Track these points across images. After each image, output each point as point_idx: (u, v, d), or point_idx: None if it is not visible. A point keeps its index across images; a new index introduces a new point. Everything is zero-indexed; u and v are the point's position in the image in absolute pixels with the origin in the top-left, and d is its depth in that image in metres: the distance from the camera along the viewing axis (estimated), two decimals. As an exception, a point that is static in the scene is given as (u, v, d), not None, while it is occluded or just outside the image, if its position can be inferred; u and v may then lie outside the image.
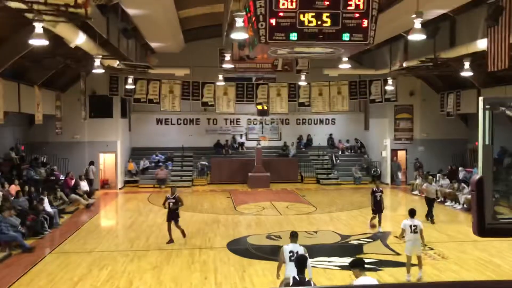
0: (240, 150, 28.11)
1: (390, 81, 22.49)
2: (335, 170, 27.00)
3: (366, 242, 13.87)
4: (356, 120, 29.05)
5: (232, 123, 28.62)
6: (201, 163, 26.45)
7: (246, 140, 28.44)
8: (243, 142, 28.29)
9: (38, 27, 10.14)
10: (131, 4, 13.80)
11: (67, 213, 18.44)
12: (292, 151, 27.94)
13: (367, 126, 28.78)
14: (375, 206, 15.08)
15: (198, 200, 21.73)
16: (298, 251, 7.77)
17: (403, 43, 20.51)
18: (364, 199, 21.74)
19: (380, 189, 15.34)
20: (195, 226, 16.10)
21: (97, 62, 15.67)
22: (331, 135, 28.75)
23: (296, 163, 27.19)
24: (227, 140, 28.16)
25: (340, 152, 28.16)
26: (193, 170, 26.65)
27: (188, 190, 24.78)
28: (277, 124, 28.79)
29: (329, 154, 27.64)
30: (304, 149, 28.54)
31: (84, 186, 20.86)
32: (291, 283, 6.32)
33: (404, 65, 20.46)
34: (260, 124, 28.62)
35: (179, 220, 13.86)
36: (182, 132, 27.87)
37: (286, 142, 28.19)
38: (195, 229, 15.70)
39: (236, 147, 28.19)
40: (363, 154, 28.10)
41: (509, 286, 1.73)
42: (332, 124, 29.11)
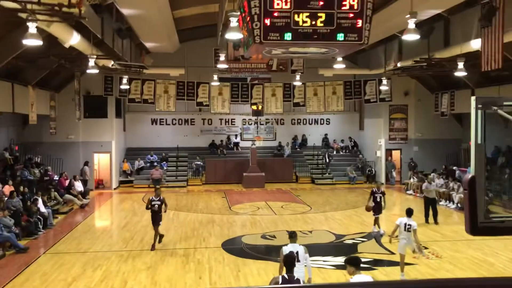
0: (235, 150, 28.11)
1: (384, 81, 22.56)
2: (329, 168, 27.04)
3: (360, 242, 13.92)
4: (351, 120, 29.13)
5: (227, 123, 28.61)
6: (196, 163, 26.43)
7: (241, 140, 28.44)
8: (238, 142, 28.29)
9: (32, 27, 10.09)
10: (125, 4, 13.77)
11: (61, 213, 18.39)
12: (287, 151, 27.96)
13: (362, 126, 28.87)
14: (374, 207, 14.61)
15: (193, 200, 21.72)
16: (298, 251, 7.68)
17: (397, 43, 20.61)
18: (359, 199, 21.81)
19: (381, 190, 14.85)
20: (190, 226, 16.10)
21: (91, 62, 15.60)
22: (326, 135, 28.78)
23: (291, 163, 27.22)
24: (222, 140, 28.15)
25: (335, 152, 28.21)
26: (188, 170, 26.63)
27: (183, 190, 24.79)
28: (272, 124, 28.82)
29: (323, 152, 27.65)
30: (299, 149, 28.57)
31: (78, 186, 20.79)
32: (280, 282, 6.28)
33: (399, 65, 20.53)
34: (255, 124, 28.63)
35: (161, 224, 13.26)
36: (177, 132, 27.84)
37: (281, 142, 28.22)
38: (190, 229, 15.70)
39: (231, 147, 28.18)
40: (357, 153, 28.16)
41: (502, 283, 1.75)
42: (327, 124, 29.16)
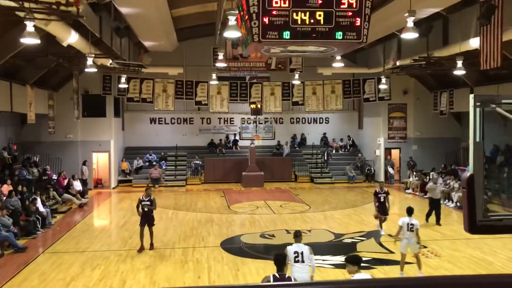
0: (234, 149, 28.08)
1: (383, 79, 22.55)
2: (328, 167, 27.03)
3: (359, 241, 13.90)
4: (350, 119, 29.11)
5: (225, 122, 28.57)
6: (195, 162, 26.40)
7: (240, 139, 28.41)
8: (237, 141, 28.26)
9: (30, 26, 10.07)
10: (123, 3, 13.74)
11: (60, 212, 18.36)
12: (286, 150, 27.94)
13: (361, 125, 28.85)
14: (378, 208, 14.38)
15: (192, 199, 21.70)
16: (303, 251, 7.62)
17: (396, 42, 20.59)
18: (358, 198, 21.82)
19: (384, 190, 14.60)
20: (188, 225, 16.08)
21: (89, 61, 15.57)
22: (325, 134, 28.76)
23: (290, 162, 27.20)
24: (220, 139, 28.12)
25: (334, 151, 28.20)
26: (187, 169, 26.60)
27: (182, 189, 24.78)
28: (271, 123, 28.78)
29: (322, 151, 27.63)
30: (298, 148, 28.56)
31: (77, 185, 20.76)
32: (271, 281, 6.24)
33: (398, 63, 20.53)
34: (254, 123, 28.60)
35: (154, 224, 12.95)
36: (175, 132, 27.80)
37: (280, 141, 28.19)
38: (189, 228, 15.69)
39: (230, 146, 28.15)
40: (356, 152, 28.14)
41: (500, 280, 1.73)
42: (326, 123, 29.13)
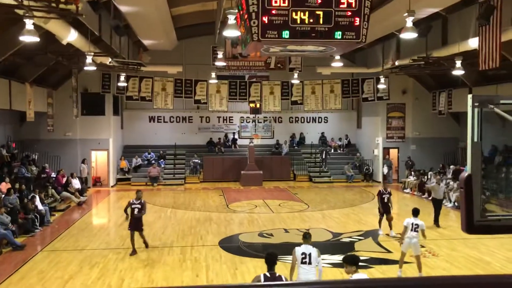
0: (232, 148, 28.09)
1: (382, 79, 22.58)
2: (326, 165, 27.04)
3: (357, 240, 13.93)
4: (349, 118, 29.13)
5: (225, 121, 28.57)
6: (193, 161, 26.41)
7: (239, 138, 28.42)
8: (236, 140, 28.26)
9: (29, 24, 10.08)
10: (123, 1, 13.73)
11: (59, 210, 18.36)
12: (285, 149, 27.96)
13: (360, 124, 28.88)
14: (382, 208, 14.36)
15: (190, 198, 21.72)
16: (311, 253, 7.57)
17: (395, 42, 20.61)
18: (356, 197, 21.86)
19: (388, 190, 14.59)
20: (187, 224, 16.10)
21: (89, 59, 15.58)
22: (323, 134, 28.78)
23: (288, 161, 27.22)
24: (219, 138, 28.13)
25: (332, 150, 28.22)
26: (185, 168, 26.60)
27: (181, 188, 24.79)
28: (270, 122, 28.79)
29: (320, 150, 27.68)
30: (297, 147, 28.58)
31: (75, 183, 20.76)
32: (262, 280, 6.24)
33: (397, 63, 20.55)
34: (253, 122, 28.61)
35: (142, 229, 12.40)
36: (174, 130, 27.80)
37: (279, 140, 28.20)
38: (187, 227, 15.70)
39: (228, 145, 28.16)
40: (354, 152, 28.16)
41: (498, 281, 1.74)
42: (324, 122, 29.16)
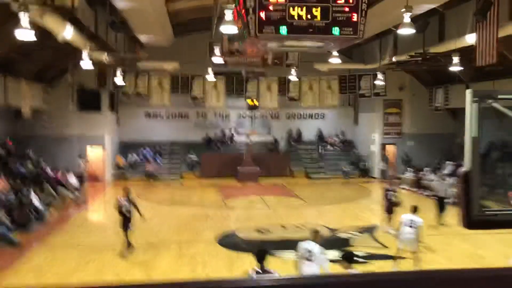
0: (229, 144, 28.06)
1: (379, 75, 22.57)
2: (322, 161, 27.04)
3: (354, 236, 13.95)
4: (346, 114, 29.11)
5: (221, 117, 28.52)
6: (190, 157, 26.37)
7: (236, 134, 28.38)
8: (232, 136, 28.22)
9: (24, 19, 10.00)
10: (119, -3, 13.68)
11: (55, 207, 18.28)
12: (282, 145, 27.93)
13: (357, 120, 28.88)
14: (386, 206, 14.21)
15: (187, 194, 21.70)
16: (313, 250, 7.66)
17: (392, 38, 20.58)
18: (353, 193, 21.90)
19: (392, 188, 14.54)
20: (184, 220, 16.09)
21: (85, 55, 15.50)
22: (320, 130, 28.73)
23: (285, 158, 27.20)
24: (216, 134, 28.09)
25: (329, 147, 28.23)
26: (182, 164, 26.56)
27: (177, 184, 24.75)
28: (267, 119, 28.75)
29: (317, 144, 27.73)
30: (294, 143, 28.56)
31: (72, 180, 20.69)
32: (254, 276, 6.29)
33: (394, 59, 20.52)
34: (250, 119, 28.56)
35: (130, 228, 11.94)
36: (171, 126, 27.73)
37: (276, 137, 28.17)
38: (184, 223, 15.69)
39: (225, 141, 28.12)
40: (350, 147, 28.16)
41: (495, 274, 1.73)
42: (321, 118, 29.13)
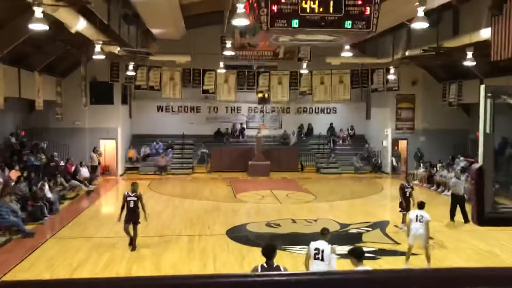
0: (240, 138, 28.07)
1: (392, 70, 22.38)
2: (334, 156, 26.94)
3: (365, 231, 13.90)
4: (358, 109, 28.89)
5: (232, 111, 28.50)
6: (201, 150, 26.43)
7: (247, 128, 28.37)
8: (243, 130, 28.21)
9: (38, 12, 10.06)
10: (132, -10, 13.69)
11: (67, 199, 18.49)
12: (293, 140, 27.88)
13: (369, 115, 28.67)
14: (404, 203, 13.86)
15: (198, 187, 21.77)
16: (324, 249, 7.63)
17: (406, 32, 20.35)
18: (364, 189, 21.80)
19: (410, 184, 14.24)
20: (195, 214, 16.15)
21: (97, 48, 15.57)
22: (331, 124, 28.63)
23: (296, 152, 27.13)
24: (227, 128, 28.11)
25: (341, 141, 28.12)
26: (193, 157, 26.65)
27: (189, 177, 24.85)
28: (277, 113, 28.68)
29: (328, 138, 27.67)
30: (305, 138, 28.49)
31: (84, 172, 20.88)
32: (259, 270, 6.27)
33: (407, 54, 20.32)
34: (261, 113, 28.51)
35: (139, 222, 11.84)
36: (182, 120, 27.80)
37: (287, 131, 28.12)
38: (195, 216, 15.75)
39: (236, 135, 28.14)
40: (363, 143, 28.02)
41: (507, 273, 1.71)
42: (333, 113, 28.97)
